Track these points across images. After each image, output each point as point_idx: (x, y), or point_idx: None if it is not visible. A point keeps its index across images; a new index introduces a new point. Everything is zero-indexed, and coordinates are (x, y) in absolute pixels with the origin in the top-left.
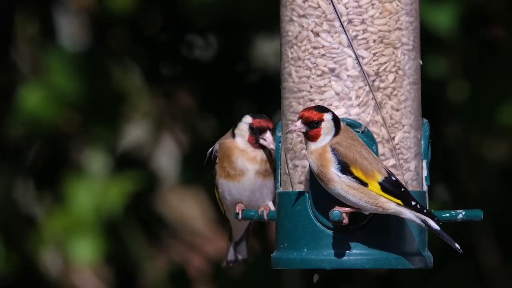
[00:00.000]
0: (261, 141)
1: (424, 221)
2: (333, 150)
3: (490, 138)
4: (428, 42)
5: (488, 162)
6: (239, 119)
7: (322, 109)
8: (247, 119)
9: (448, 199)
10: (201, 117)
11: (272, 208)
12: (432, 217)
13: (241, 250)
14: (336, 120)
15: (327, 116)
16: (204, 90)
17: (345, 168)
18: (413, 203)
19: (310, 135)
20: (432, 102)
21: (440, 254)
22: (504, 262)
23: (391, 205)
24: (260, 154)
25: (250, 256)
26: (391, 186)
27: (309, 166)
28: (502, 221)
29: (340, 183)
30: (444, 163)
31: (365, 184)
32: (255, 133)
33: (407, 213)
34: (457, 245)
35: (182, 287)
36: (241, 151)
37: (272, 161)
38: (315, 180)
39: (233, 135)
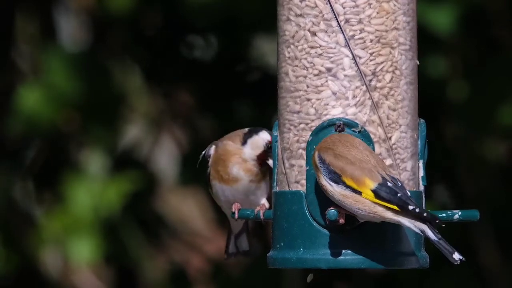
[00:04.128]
0: (269, 161)
1: (422, 231)
2: (321, 159)
3: (490, 138)
4: (428, 42)
5: (488, 162)
6: (255, 131)
7: None
8: (265, 136)
9: (447, 199)
10: (201, 117)
11: (268, 206)
12: (433, 219)
13: (242, 242)
14: None
15: None
16: (204, 90)
17: (336, 178)
18: (410, 207)
19: None
20: (432, 102)
21: (440, 253)
22: (504, 262)
23: (389, 214)
24: (257, 168)
25: (252, 248)
26: (385, 193)
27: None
28: (502, 221)
29: (333, 192)
30: (443, 163)
31: (358, 193)
32: (268, 152)
33: (406, 223)
34: (455, 256)
35: (182, 287)
36: (241, 160)
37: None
38: (311, 180)
39: (243, 143)
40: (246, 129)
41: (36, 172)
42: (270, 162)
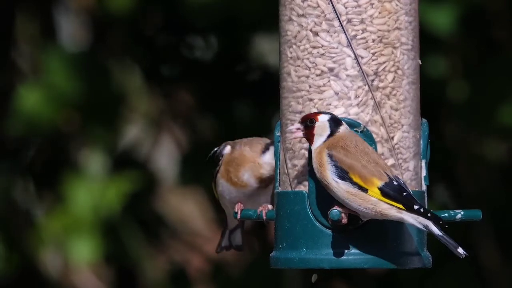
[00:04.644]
0: None
1: (426, 226)
2: (330, 155)
3: (490, 138)
4: (428, 42)
5: (488, 162)
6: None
7: (322, 112)
8: None
9: (447, 199)
10: (201, 117)
11: (271, 207)
12: (436, 219)
13: (236, 237)
14: (333, 122)
15: (322, 117)
16: (204, 90)
17: (343, 174)
18: (416, 207)
19: (306, 136)
20: (432, 102)
21: (440, 253)
22: (504, 262)
23: (393, 212)
24: (269, 174)
25: (244, 243)
26: (392, 191)
27: (313, 169)
28: (502, 221)
29: (338, 189)
30: (443, 163)
31: (364, 190)
32: None
33: (409, 219)
34: (460, 250)
35: (182, 287)
36: (255, 165)
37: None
38: (314, 180)
39: (264, 151)
40: (270, 141)
41: (36, 172)
42: None
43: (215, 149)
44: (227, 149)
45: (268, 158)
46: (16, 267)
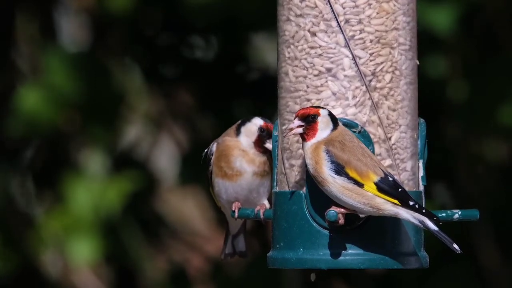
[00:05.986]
0: (267, 145)
1: (421, 222)
2: (327, 151)
3: (490, 138)
4: (428, 42)
5: (488, 162)
6: (247, 119)
7: (318, 106)
8: (258, 121)
9: (447, 199)
10: (201, 117)
11: (268, 206)
12: (431, 216)
13: (239, 243)
14: (332, 116)
15: (323, 112)
16: (204, 90)
17: (339, 169)
18: (411, 203)
19: (307, 131)
20: (432, 102)
21: (439, 254)
22: (504, 262)
23: (388, 206)
24: (259, 156)
25: (248, 249)
26: (388, 187)
27: (306, 166)
28: (502, 221)
29: (334, 184)
30: (443, 163)
31: (360, 185)
32: (264, 136)
33: (404, 214)
34: (455, 245)
35: (182, 287)
36: (242, 152)
37: (270, 161)
38: (311, 180)
39: (238, 133)
40: (240, 120)
41: (36, 172)
42: (268, 145)
43: (205, 150)
44: (214, 146)
45: (244, 139)
46: (16, 267)
